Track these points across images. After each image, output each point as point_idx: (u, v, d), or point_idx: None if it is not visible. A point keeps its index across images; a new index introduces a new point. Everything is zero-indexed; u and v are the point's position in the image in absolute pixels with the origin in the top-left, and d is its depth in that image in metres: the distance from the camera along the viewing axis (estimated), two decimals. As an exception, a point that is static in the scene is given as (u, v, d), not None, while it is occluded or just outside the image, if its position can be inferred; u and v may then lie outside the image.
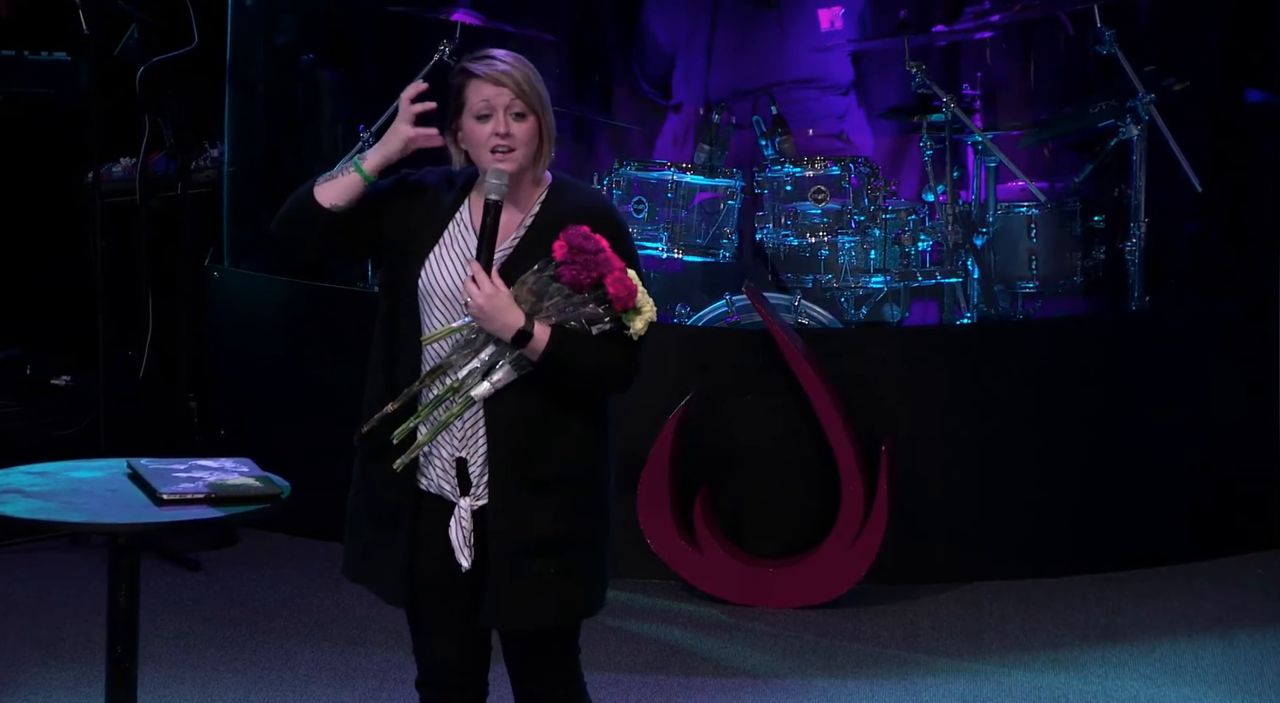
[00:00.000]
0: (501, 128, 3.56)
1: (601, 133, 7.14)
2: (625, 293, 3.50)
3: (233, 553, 6.21)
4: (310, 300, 6.45)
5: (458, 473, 3.63)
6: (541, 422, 3.57)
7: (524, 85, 3.57)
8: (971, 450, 5.99)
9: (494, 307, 3.50)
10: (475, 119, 3.58)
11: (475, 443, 3.61)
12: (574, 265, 3.48)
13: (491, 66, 3.58)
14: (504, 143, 3.56)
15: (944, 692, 5.17)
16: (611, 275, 3.49)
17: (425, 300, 3.62)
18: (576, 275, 3.49)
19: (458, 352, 3.57)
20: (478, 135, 3.58)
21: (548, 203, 3.62)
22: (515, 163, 3.57)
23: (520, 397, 3.57)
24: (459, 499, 3.63)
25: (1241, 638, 5.53)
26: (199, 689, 5.15)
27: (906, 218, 6.16)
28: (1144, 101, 6.15)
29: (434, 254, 3.62)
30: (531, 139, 3.58)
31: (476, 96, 3.57)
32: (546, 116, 3.60)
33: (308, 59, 6.89)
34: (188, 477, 3.79)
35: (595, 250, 3.49)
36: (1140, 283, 6.23)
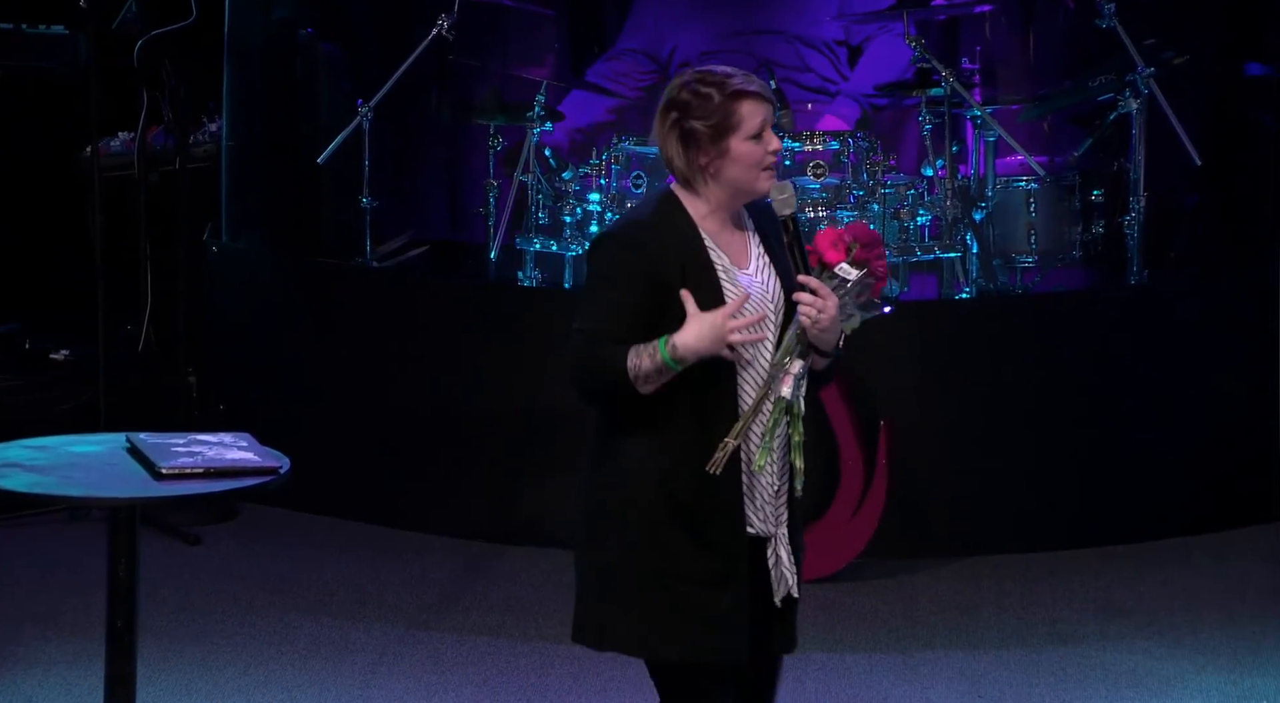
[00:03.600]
0: (775, 144, 3.48)
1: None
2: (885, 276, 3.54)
3: (232, 527, 6.21)
4: (308, 275, 6.45)
5: (764, 501, 3.52)
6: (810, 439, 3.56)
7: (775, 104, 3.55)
8: (970, 425, 5.99)
9: (834, 317, 3.45)
10: (751, 140, 3.46)
11: (783, 469, 3.53)
12: (879, 258, 3.48)
13: (754, 82, 3.48)
14: (774, 159, 3.48)
15: (942, 665, 5.17)
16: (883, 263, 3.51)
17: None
18: (882, 266, 3.49)
19: (779, 366, 3.46)
20: (753, 156, 3.46)
21: (749, 212, 3.56)
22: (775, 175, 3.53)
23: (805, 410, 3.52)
24: (777, 530, 3.53)
25: (1240, 612, 5.54)
26: (198, 663, 5.16)
27: (905, 192, 6.15)
28: (1143, 75, 6.13)
29: (722, 283, 3.46)
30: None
31: (754, 117, 3.45)
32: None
33: (306, 33, 6.88)
34: (186, 451, 3.79)
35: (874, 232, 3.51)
36: (1139, 257, 6.22)
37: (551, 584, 5.76)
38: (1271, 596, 5.65)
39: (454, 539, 6.10)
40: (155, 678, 5.00)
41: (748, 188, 3.48)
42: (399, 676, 5.11)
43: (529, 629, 5.42)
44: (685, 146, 3.47)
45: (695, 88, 3.46)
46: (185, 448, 3.81)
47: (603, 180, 6.22)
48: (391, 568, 5.90)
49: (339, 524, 6.23)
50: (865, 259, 3.45)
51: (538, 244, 6.27)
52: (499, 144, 6.40)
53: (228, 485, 3.72)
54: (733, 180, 3.48)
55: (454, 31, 6.40)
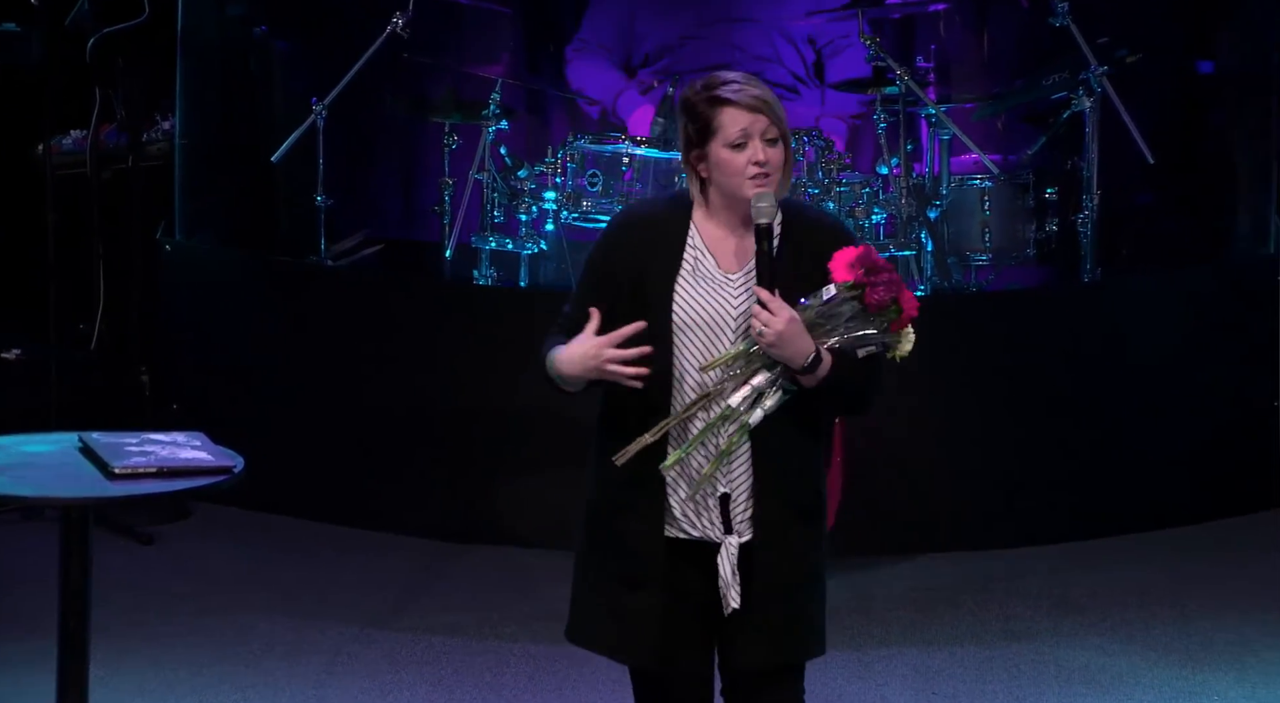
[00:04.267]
0: (760, 156, 3.43)
1: (556, 105, 7.13)
2: (915, 312, 3.42)
3: (185, 527, 6.19)
4: (262, 273, 6.43)
5: (721, 511, 3.50)
6: (798, 449, 3.48)
7: (775, 109, 3.44)
8: (925, 422, 6.01)
9: (791, 332, 3.38)
10: (730, 148, 3.45)
11: (740, 477, 3.49)
12: (880, 286, 3.38)
13: (744, 92, 3.44)
14: (763, 170, 3.45)
15: (897, 662, 5.19)
16: (905, 294, 3.40)
17: (681, 331, 3.47)
18: (883, 297, 3.39)
19: (727, 379, 3.44)
20: (734, 164, 3.44)
21: (787, 223, 3.51)
22: (773, 186, 3.47)
23: (779, 425, 3.46)
24: (725, 537, 3.50)
25: (1192, 608, 5.57)
26: (151, 663, 5.14)
27: (860, 190, 6.17)
28: (1096, 74, 6.16)
29: (680, 284, 3.49)
30: (782, 162, 3.46)
31: (733, 125, 3.43)
32: (789, 137, 3.50)
33: (260, 30, 6.85)
34: (139, 451, 3.77)
35: (891, 270, 3.40)
36: (1092, 255, 6.25)
37: (509, 584, 5.76)
38: (1222, 592, 5.68)
39: (410, 538, 6.08)
40: (108, 678, 4.98)
41: (735, 194, 3.47)
42: (354, 675, 5.10)
43: (485, 629, 5.42)
44: (684, 147, 3.51)
45: (693, 90, 3.50)
46: (138, 447, 3.79)
47: (558, 179, 6.22)
48: (347, 567, 5.88)
49: (294, 523, 6.21)
50: (861, 284, 3.38)
51: (493, 243, 6.26)
52: (454, 142, 6.39)
53: (181, 485, 3.70)
54: (721, 185, 3.48)
55: (409, 29, 6.39)
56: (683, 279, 3.49)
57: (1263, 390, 6.32)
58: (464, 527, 6.11)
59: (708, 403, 3.45)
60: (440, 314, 6.20)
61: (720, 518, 3.50)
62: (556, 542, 6.02)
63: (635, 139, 6.23)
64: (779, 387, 3.43)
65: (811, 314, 3.41)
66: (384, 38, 6.35)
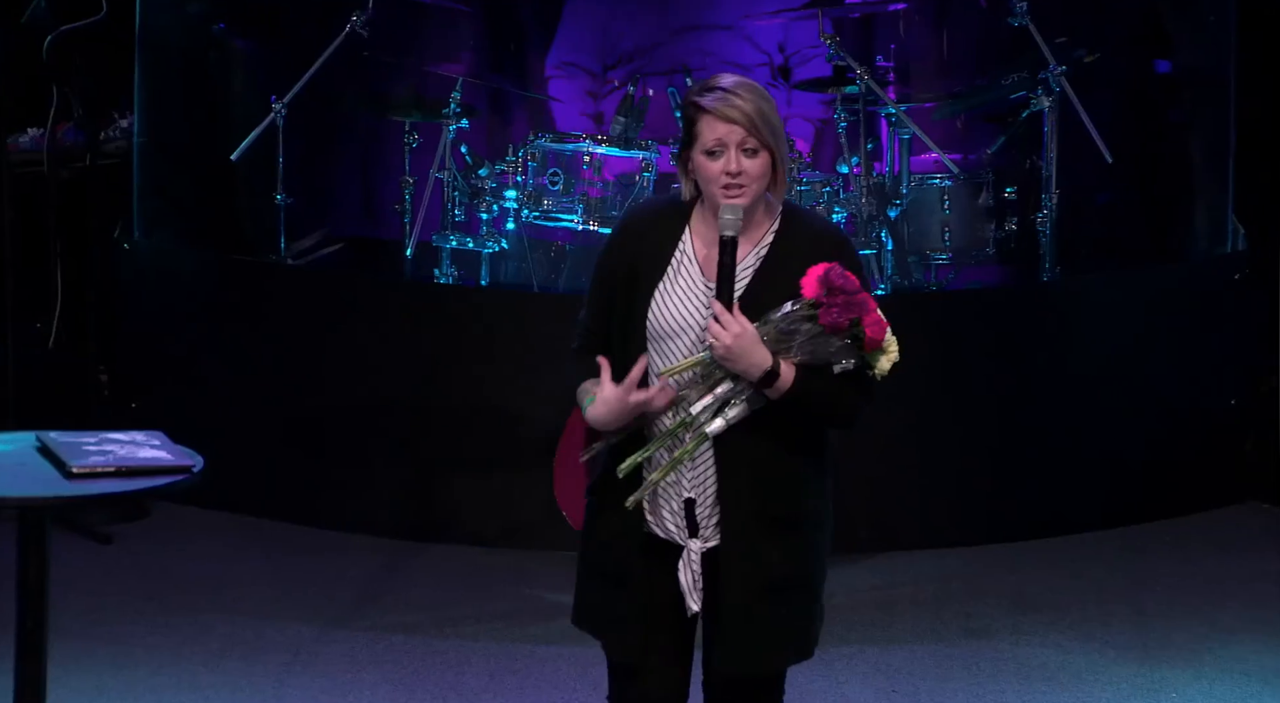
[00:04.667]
0: (733, 166, 3.41)
1: (517, 104, 7.12)
2: (881, 336, 3.37)
3: (144, 526, 6.16)
4: (221, 272, 6.40)
5: (686, 514, 3.51)
6: (772, 459, 3.46)
7: (756, 121, 3.40)
8: (884, 422, 6.02)
9: (741, 346, 3.38)
10: (706, 155, 3.43)
11: (705, 482, 3.49)
12: (835, 307, 3.35)
13: (724, 101, 3.41)
14: (735, 181, 3.43)
15: (858, 661, 5.20)
16: (869, 317, 3.36)
17: (656, 336, 3.47)
18: (838, 318, 3.35)
19: (692, 386, 3.45)
20: (709, 171, 3.43)
21: (781, 232, 3.49)
22: (748, 198, 3.44)
23: (750, 434, 3.45)
24: (688, 542, 3.50)
25: (1150, 605, 5.60)
26: (110, 663, 5.12)
27: (821, 190, 6.18)
28: (1055, 73, 6.19)
29: (661, 288, 3.48)
30: (764, 174, 3.43)
31: (709, 133, 3.42)
32: (780, 147, 3.44)
33: (219, 28, 6.83)
34: (98, 450, 3.75)
35: (854, 291, 3.35)
36: (1052, 254, 6.27)
37: (468, 583, 5.75)
38: (1180, 589, 5.71)
39: (369, 537, 6.07)
40: (66, 679, 4.95)
41: (715, 201, 3.46)
42: (314, 675, 5.08)
43: (445, 628, 5.41)
44: (680, 148, 3.51)
45: (690, 91, 3.50)
46: (97, 447, 3.77)
47: (519, 177, 6.21)
48: (307, 567, 5.87)
49: (253, 523, 6.19)
50: (817, 303, 3.36)
51: (454, 241, 6.25)
52: (414, 140, 6.38)
53: (140, 485, 3.68)
54: (706, 193, 3.48)
55: (369, 28, 6.38)
56: (664, 284, 3.49)
57: (1221, 389, 6.35)
58: (423, 526, 6.10)
59: (674, 409, 3.46)
60: (401, 313, 6.19)
61: (686, 522, 3.50)
62: (515, 541, 6.01)
63: (596, 138, 6.23)
64: (744, 398, 3.43)
65: (770, 329, 3.39)
66: (343, 36, 6.34)
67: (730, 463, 3.47)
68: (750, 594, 3.49)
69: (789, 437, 3.48)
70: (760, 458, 3.46)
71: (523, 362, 5.98)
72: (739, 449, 3.46)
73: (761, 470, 3.47)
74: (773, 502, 3.48)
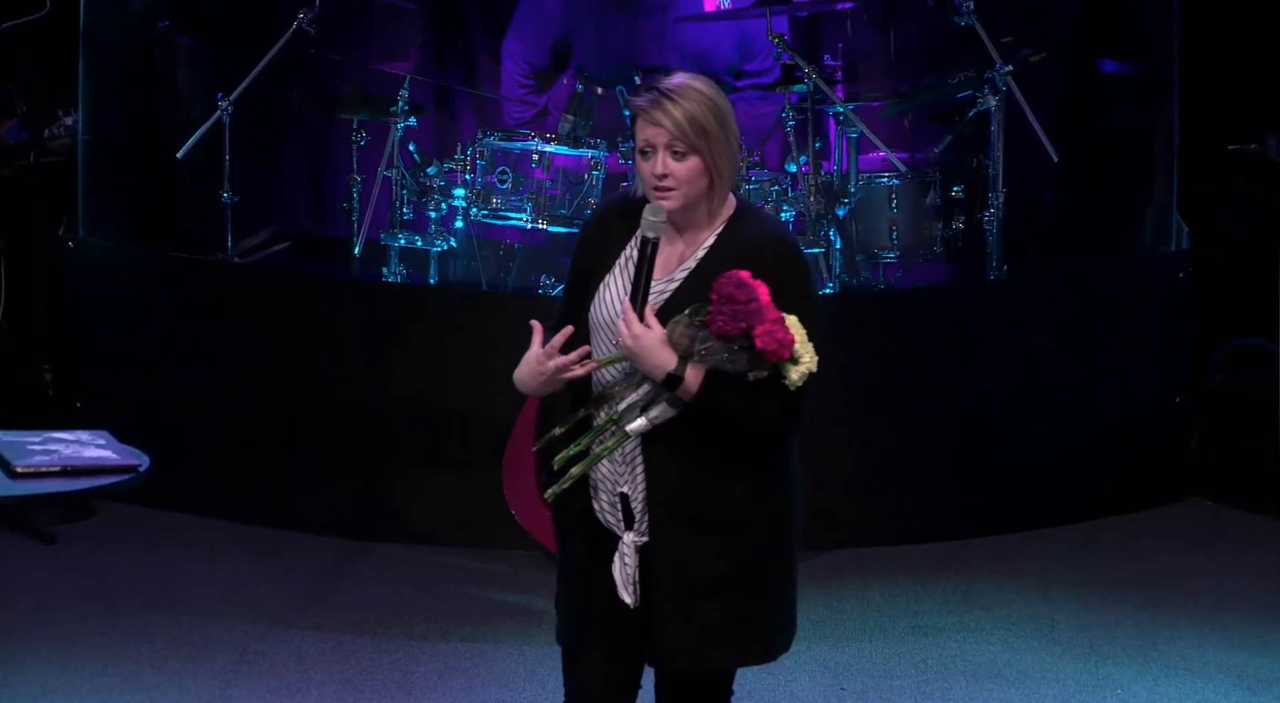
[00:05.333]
0: (659, 168, 3.41)
1: (465, 102, 7.11)
2: (775, 346, 3.32)
3: (90, 526, 6.13)
4: (167, 271, 6.37)
5: (622, 508, 3.52)
6: (703, 461, 3.45)
7: (684, 124, 3.38)
8: (832, 419, 6.04)
9: (641, 348, 3.38)
10: (639, 155, 3.44)
11: (636, 479, 3.49)
12: (722, 316, 3.32)
13: (655, 103, 3.40)
14: (662, 184, 3.43)
15: (805, 658, 5.21)
16: (761, 327, 3.31)
17: (594, 328, 3.50)
18: (724, 326, 3.33)
19: (621, 383, 3.47)
20: (641, 171, 3.44)
21: (723, 236, 3.48)
22: (675, 201, 3.43)
23: (682, 434, 3.44)
24: (623, 535, 3.51)
25: (1095, 602, 5.63)
26: (55, 663, 5.09)
27: (770, 188, 6.19)
28: (1002, 73, 6.21)
29: (605, 283, 3.50)
30: (694, 177, 3.41)
31: (640, 133, 3.43)
32: (713, 151, 3.41)
33: (164, 25, 6.79)
34: (43, 449, 3.73)
35: (746, 300, 3.31)
36: (998, 252, 6.30)
37: (416, 582, 5.74)
38: (1125, 585, 5.75)
39: (317, 537, 6.05)
40: (10, 679, 4.92)
41: (650, 200, 3.47)
42: (260, 674, 5.07)
43: (394, 628, 5.40)
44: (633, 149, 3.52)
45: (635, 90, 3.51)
46: (41, 446, 3.75)
47: (468, 175, 6.20)
48: (254, 566, 5.84)
49: (200, 522, 6.17)
50: (718, 311, 3.34)
51: (402, 240, 6.24)
52: (362, 138, 6.37)
53: (85, 484, 3.67)
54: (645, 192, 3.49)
55: (315, 25, 6.36)
56: (611, 279, 3.50)
57: (1166, 386, 6.40)
58: (371, 525, 6.08)
59: (604, 404, 3.47)
60: (348, 311, 6.17)
61: (623, 516, 3.52)
62: (464, 540, 6.01)
63: (545, 136, 6.22)
64: (665, 398, 3.43)
65: (678, 331, 3.39)
66: (290, 34, 6.31)
67: (658, 463, 3.47)
68: (678, 593, 3.48)
69: (720, 439, 3.46)
70: (689, 460, 3.46)
71: (471, 360, 5.98)
72: (668, 449, 3.46)
73: (689, 472, 3.47)
74: (700, 503, 3.47)
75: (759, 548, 3.52)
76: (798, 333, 3.35)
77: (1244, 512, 6.32)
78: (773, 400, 3.40)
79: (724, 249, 3.46)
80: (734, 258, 3.42)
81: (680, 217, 3.47)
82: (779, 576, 3.56)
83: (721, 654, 3.54)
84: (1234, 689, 5.04)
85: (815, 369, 3.38)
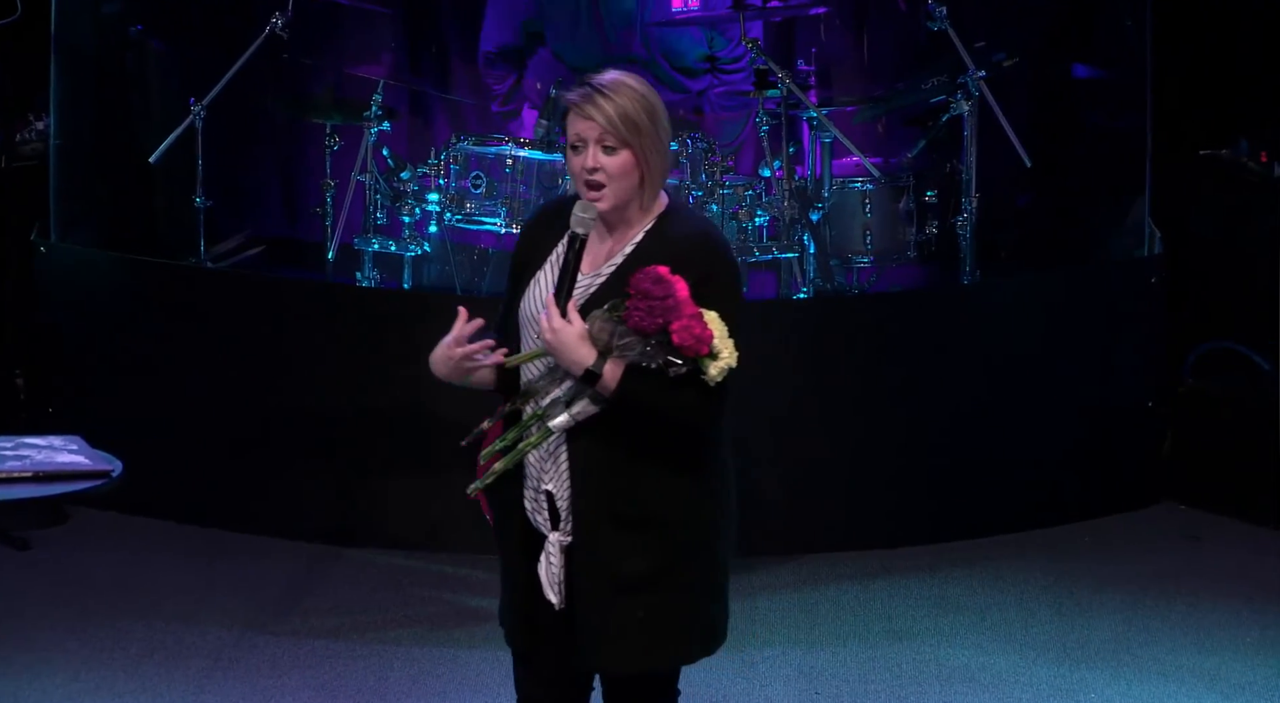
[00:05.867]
0: (589, 162, 3.43)
1: (439, 107, 7.10)
2: (692, 341, 3.32)
3: (62, 531, 6.10)
4: (139, 275, 6.35)
5: (548, 507, 3.51)
6: (627, 459, 3.45)
7: (615, 118, 3.40)
8: (807, 423, 6.05)
9: (560, 342, 3.40)
10: (571, 150, 3.46)
11: (561, 477, 3.49)
12: (638, 311, 3.34)
13: (586, 97, 3.42)
14: (592, 178, 3.44)
15: (780, 663, 5.21)
16: (678, 322, 3.32)
17: (523, 325, 3.52)
18: (641, 321, 3.34)
19: (545, 378, 3.48)
20: (572, 166, 3.46)
21: (651, 234, 3.48)
22: (606, 201, 3.45)
23: (605, 432, 3.44)
24: (549, 534, 3.51)
25: (1069, 607, 5.64)
26: (27, 669, 5.07)
27: (744, 193, 6.19)
28: (974, 78, 6.23)
29: (536, 278, 3.52)
30: (625, 172, 3.43)
31: (571, 128, 3.45)
32: (644, 147, 3.43)
33: (136, 30, 6.78)
34: (14, 455, 3.72)
35: (663, 296, 3.32)
36: (971, 256, 6.32)
37: (389, 587, 5.73)
38: (1099, 589, 5.76)
39: (291, 542, 6.04)
40: (-17, 687, 4.91)
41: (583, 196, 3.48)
42: (234, 680, 5.05)
43: (368, 633, 5.39)
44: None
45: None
46: (13, 451, 3.74)
47: (441, 180, 6.20)
48: (227, 571, 5.83)
49: (173, 528, 6.15)
50: (634, 306, 3.35)
51: (376, 244, 6.23)
52: (336, 143, 6.36)
53: (58, 489, 3.66)
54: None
55: (288, 29, 6.34)
56: (542, 275, 3.52)
57: (1139, 391, 6.41)
58: (345, 530, 6.07)
59: (530, 399, 3.49)
60: (322, 316, 6.16)
61: (549, 514, 3.52)
62: (437, 545, 6.00)
63: (519, 141, 6.22)
64: (588, 395, 3.43)
65: (597, 326, 3.40)
66: (263, 38, 6.30)
67: (581, 460, 3.47)
68: (598, 591, 3.48)
69: (644, 437, 3.45)
70: (612, 457, 3.46)
71: (445, 365, 5.96)
72: (591, 447, 3.46)
73: (612, 470, 3.46)
74: (623, 501, 3.46)
75: (682, 547, 3.50)
76: (717, 329, 3.36)
77: (1217, 516, 6.34)
78: (692, 396, 3.40)
79: (651, 246, 3.47)
80: (660, 255, 3.43)
81: (611, 213, 3.48)
82: (703, 576, 3.53)
83: (642, 655, 3.51)
84: (1208, 693, 5.05)
85: (735, 365, 3.38)
